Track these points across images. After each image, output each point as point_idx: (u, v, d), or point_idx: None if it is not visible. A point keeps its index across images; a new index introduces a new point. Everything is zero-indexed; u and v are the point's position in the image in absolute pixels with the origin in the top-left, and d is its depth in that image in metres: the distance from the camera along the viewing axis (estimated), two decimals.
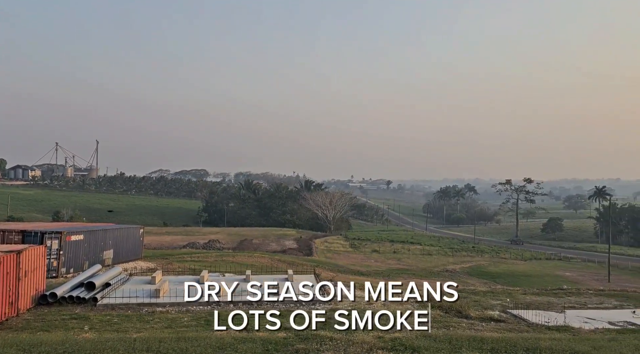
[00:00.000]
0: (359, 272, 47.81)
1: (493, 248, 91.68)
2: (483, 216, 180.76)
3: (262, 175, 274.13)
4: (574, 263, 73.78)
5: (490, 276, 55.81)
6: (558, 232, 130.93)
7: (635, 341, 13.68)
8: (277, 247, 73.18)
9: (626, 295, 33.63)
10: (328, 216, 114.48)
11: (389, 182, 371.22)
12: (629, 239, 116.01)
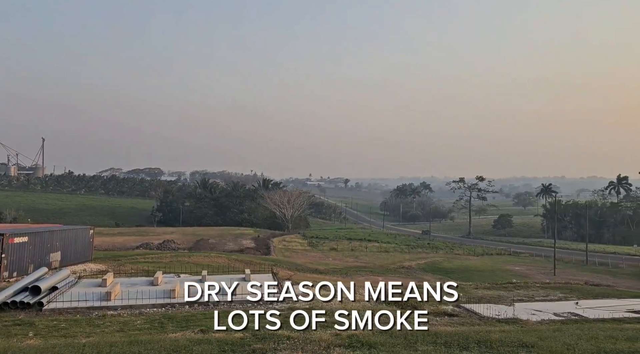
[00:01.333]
0: (317, 270, 47.94)
1: (447, 244, 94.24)
2: (438, 213, 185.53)
3: (219, 174, 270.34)
4: (523, 257, 76.86)
5: (444, 272, 57.29)
6: (508, 228, 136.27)
7: (577, 331, 14.38)
8: (235, 247, 72.31)
9: (570, 287, 35.38)
10: (286, 215, 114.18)
11: (346, 180, 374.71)
12: (573, 234, 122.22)
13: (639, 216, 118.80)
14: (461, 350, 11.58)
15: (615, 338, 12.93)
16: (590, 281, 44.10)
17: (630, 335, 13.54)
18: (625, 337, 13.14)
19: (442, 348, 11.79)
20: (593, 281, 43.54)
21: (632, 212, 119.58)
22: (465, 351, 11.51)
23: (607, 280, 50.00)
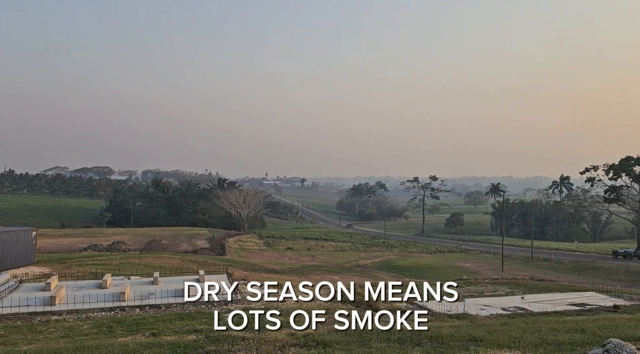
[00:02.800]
0: (273, 270, 47.71)
1: (402, 242, 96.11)
2: (393, 212, 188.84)
3: (172, 173, 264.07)
4: (473, 254, 79.49)
5: (399, 270, 58.39)
6: (459, 226, 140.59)
7: (523, 325, 15.01)
8: (189, 247, 70.81)
9: (516, 283, 36.92)
10: (242, 215, 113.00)
11: (303, 180, 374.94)
12: (520, 231, 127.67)
13: (579, 214, 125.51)
14: (414, 346, 11.81)
15: (557, 330, 13.58)
16: (535, 276, 46.22)
17: (570, 327, 14.27)
18: (566, 329, 13.83)
19: (395, 345, 11.98)
20: (538, 277, 45.64)
21: (573, 210, 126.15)
22: (418, 346, 11.75)
23: (551, 275, 52.54)
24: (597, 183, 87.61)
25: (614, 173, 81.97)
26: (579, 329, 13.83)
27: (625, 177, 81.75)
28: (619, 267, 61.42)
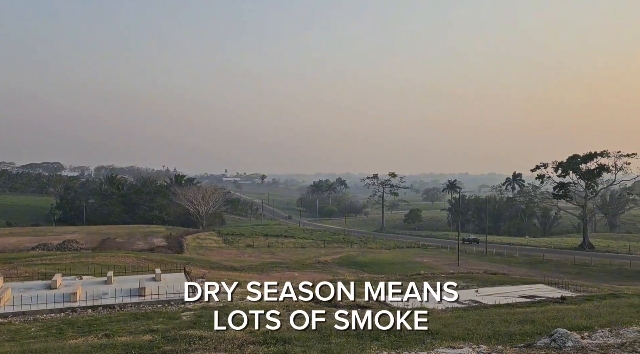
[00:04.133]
0: (233, 267, 47.14)
1: (362, 238, 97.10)
2: (353, 208, 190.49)
3: (127, 169, 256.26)
4: (430, 250, 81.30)
5: (358, 266, 58.97)
6: (417, 222, 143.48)
7: (477, 317, 15.47)
8: (145, 245, 68.99)
9: (471, 277, 38.07)
10: (200, 212, 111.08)
11: (263, 177, 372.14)
12: (475, 227, 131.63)
13: (530, 210, 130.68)
14: (372, 341, 11.92)
15: (509, 322, 14.07)
16: (489, 270, 47.83)
17: (521, 318, 14.82)
18: (517, 320, 14.35)
19: (354, 340, 12.06)
20: (491, 270, 47.23)
21: (524, 206, 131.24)
22: (376, 341, 11.87)
23: (503, 268, 54.48)
24: (547, 180, 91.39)
25: (562, 171, 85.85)
26: (529, 320, 14.38)
27: (572, 174, 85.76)
28: (566, 260, 64.45)
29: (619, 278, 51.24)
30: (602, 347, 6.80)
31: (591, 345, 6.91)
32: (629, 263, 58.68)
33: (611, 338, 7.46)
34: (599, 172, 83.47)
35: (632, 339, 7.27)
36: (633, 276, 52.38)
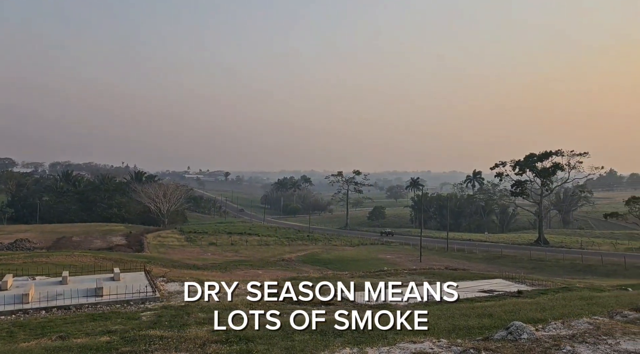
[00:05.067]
0: (195, 266, 46.35)
1: (326, 236, 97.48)
2: (317, 206, 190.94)
3: (84, 166, 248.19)
4: (394, 246, 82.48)
5: (323, 263, 59.17)
6: (381, 219, 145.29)
7: (437, 312, 15.79)
8: (103, 244, 66.96)
9: (433, 272, 38.87)
10: (162, 210, 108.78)
11: (227, 174, 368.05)
12: (437, 224, 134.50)
13: (489, 207, 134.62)
14: (336, 337, 11.97)
15: (468, 316, 14.44)
16: (450, 266, 48.98)
17: (480, 312, 15.23)
18: (476, 314, 14.75)
19: (318, 336, 12.08)
20: (452, 266, 48.39)
21: (484, 203, 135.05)
22: (340, 337, 11.93)
23: (464, 264, 55.91)
24: (505, 178, 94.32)
25: (520, 169, 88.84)
26: (487, 314, 14.80)
27: (529, 172, 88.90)
28: (523, 255, 66.76)
29: (572, 272, 53.53)
30: (555, 338, 7.06)
31: (545, 337, 7.16)
32: (581, 258, 61.36)
33: (563, 330, 7.75)
34: (553, 170, 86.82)
35: (583, 331, 7.58)
36: (584, 270, 54.82)
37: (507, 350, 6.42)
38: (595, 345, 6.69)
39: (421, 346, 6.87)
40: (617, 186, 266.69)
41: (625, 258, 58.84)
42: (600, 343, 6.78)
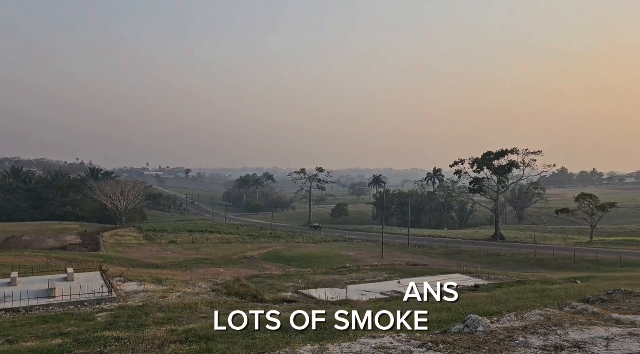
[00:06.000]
0: (154, 265, 45.27)
1: (289, 233, 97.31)
2: (280, 203, 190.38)
3: (36, 162, 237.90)
4: (356, 243, 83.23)
5: (285, 260, 59.02)
6: (344, 216, 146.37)
7: (398, 307, 16.01)
8: (56, 243, 64.39)
9: (394, 268, 39.50)
10: (119, 207, 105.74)
11: (188, 171, 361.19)
12: (398, 220, 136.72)
13: (449, 203, 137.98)
14: (297, 334, 11.94)
15: (427, 310, 14.70)
16: (411, 261, 49.90)
17: (438, 307, 15.57)
18: (434, 309, 15.05)
19: (279, 334, 12.01)
20: (412, 262, 49.30)
21: (444, 200, 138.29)
22: (301, 334, 11.90)
23: (424, 259, 57.06)
24: (464, 175, 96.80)
25: (477, 167, 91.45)
26: (445, 307, 15.16)
27: (486, 169, 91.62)
28: (480, 250, 68.79)
29: (525, 266, 55.61)
30: (508, 330, 7.29)
31: (499, 329, 7.39)
32: (534, 252, 63.82)
33: (516, 322, 8.02)
34: (509, 167, 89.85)
35: (534, 322, 7.86)
36: (537, 264, 57.07)
37: (464, 342, 6.58)
38: (545, 335, 6.95)
39: (381, 340, 6.94)
40: (568, 184, 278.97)
41: (575, 252, 61.64)
42: (550, 334, 7.05)
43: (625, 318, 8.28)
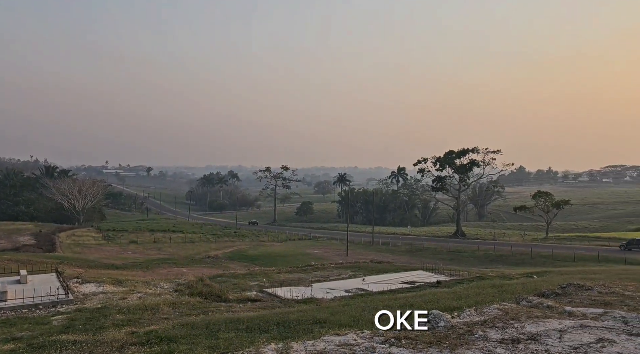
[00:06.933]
0: (114, 265, 43.98)
1: (253, 232, 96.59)
2: (245, 202, 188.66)
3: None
4: (321, 241, 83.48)
5: (250, 259, 58.55)
6: (309, 214, 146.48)
7: (362, 304, 16.19)
8: (8, 244, 61.59)
9: (358, 266, 39.84)
10: (77, 207, 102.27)
11: (149, 169, 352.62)
12: (363, 218, 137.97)
13: (412, 201, 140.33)
14: (261, 333, 11.88)
15: (391, 307, 14.92)
16: (375, 259, 50.45)
17: (402, 303, 15.82)
18: (398, 305, 15.28)
19: (243, 334, 11.91)
20: (377, 259, 49.87)
21: (407, 198, 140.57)
22: (266, 333, 11.85)
23: (388, 257, 57.81)
24: (427, 174, 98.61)
25: (440, 165, 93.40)
26: (408, 304, 15.40)
27: (448, 168, 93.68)
28: (442, 247, 70.29)
29: (485, 262, 57.23)
30: (468, 324, 7.48)
31: (460, 324, 7.56)
32: (494, 249, 65.75)
33: (476, 316, 8.24)
34: (470, 166, 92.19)
35: (493, 316, 8.09)
36: (496, 260, 58.82)
37: (426, 338, 6.69)
38: (503, 329, 7.17)
39: (345, 338, 6.98)
40: (526, 182, 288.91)
41: (532, 248, 63.89)
42: (507, 327, 7.27)
43: (577, 311, 8.64)
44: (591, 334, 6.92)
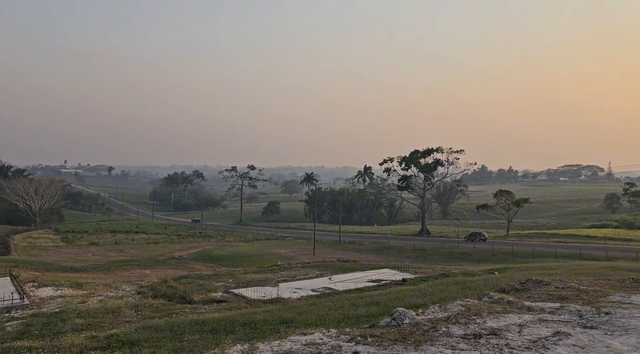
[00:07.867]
0: (73, 268, 42.51)
1: (219, 232, 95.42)
2: (211, 201, 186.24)
3: None
4: (288, 241, 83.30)
5: (215, 260, 57.79)
6: (276, 214, 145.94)
7: (329, 303, 16.23)
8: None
9: (325, 265, 39.92)
10: (33, 208, 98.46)
11: (111, 168, 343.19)
12: (330, 217, 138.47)
13: (379, 201, 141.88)
14: (227, 334, 11.73)
15: (357, 305, 15.04)
16: (342, 258, 50.68)
17: (368, 301, 15.95)
18: (364, 303, 15.41)
19: (208, 335, 11.74)
20: (343, 258, 50.09)
21: (374, 197, 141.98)
22: (231, 334, 11.71)
23: (355, 256, 58.21)
24: (393, 173, 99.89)
25: (405, 165, 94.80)
26: (375, 302, 15.54)
27: (413, 167, 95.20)
28: (408, 246, 71.35)
29: (450, 260, 58.45)
30: (433, 321, 7.60)
31: (424, 320, 7.67)
32: (457, 246, 67.26)
33: (440, 313, 8.38)
34: (434, 165, 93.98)
35: (456, 313, 8.26)
36: (460, 258, 60.18)
37: (391, 335, 6.76)
38: (466, 325, 7.33)
39: (311, 337, 6.97)
40: (488, 181, 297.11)
41: (493, 245, 65.72)
42: (470, 323, 7.44)
43: (536, 306, 8.93)
44: (548, 328, 7.16)
